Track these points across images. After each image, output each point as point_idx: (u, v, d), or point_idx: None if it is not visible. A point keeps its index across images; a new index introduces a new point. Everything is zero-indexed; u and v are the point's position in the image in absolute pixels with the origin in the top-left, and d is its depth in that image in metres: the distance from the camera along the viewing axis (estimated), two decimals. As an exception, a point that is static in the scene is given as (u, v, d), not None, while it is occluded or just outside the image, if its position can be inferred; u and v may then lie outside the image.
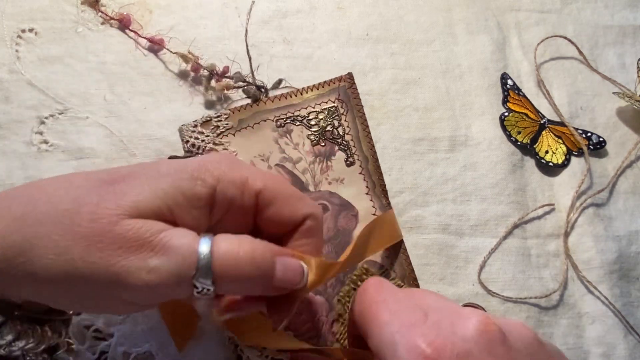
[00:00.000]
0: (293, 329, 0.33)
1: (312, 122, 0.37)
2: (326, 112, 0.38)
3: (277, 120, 0.37)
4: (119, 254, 0.21)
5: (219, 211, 0.24)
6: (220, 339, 0.34)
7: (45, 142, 0.37)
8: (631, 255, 0.41)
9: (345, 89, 0.38)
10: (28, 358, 0.25)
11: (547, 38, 0.45)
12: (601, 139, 0.43)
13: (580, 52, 0.45)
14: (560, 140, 0.43)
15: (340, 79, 0.39)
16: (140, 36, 0.39)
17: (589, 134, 0.44)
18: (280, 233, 0.26)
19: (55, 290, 0.22)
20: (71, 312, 0.28)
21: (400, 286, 0.35)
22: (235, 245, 0.22)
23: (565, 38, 0.45)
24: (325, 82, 0.39)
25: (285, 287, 0.24)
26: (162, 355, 0.34)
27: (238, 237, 0.23)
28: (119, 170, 0.24)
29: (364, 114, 0.38)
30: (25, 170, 0.36)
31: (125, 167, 0.25)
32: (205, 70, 0.38)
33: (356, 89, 0.39)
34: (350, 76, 0.39)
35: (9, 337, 0.24)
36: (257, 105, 0.37)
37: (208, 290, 0.22)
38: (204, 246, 0.22)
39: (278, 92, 0.39)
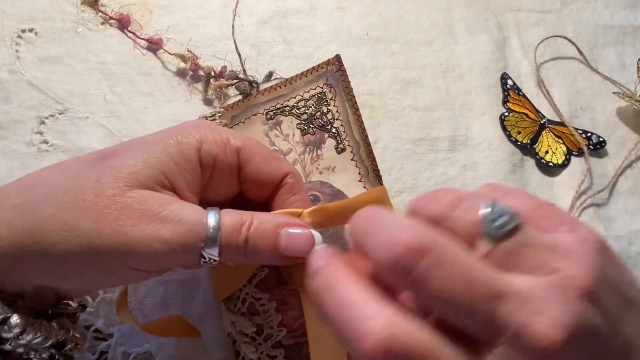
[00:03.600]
0: (285, 324, 0.33)
1: (301, 111, 0.36)
2: (315, 98, 0.36)
3: (266, 113, 0.36)
4: (130, 224, 0.22)
5: (206, 170, 0.26)
6: (219, 337, 0.34)
7: (45, 142, 0.37)
8: (631, 255, 0.41)
9: (334, 72, 0.37)
10: (32, 354, 0.24)
11: (547, 38, 0.45)
12: (601, 139, 0.43)
13: (580, 52, 0.45)
14: (560, 140, 0.43)
15: (328, 62, 0.37)
16: (138, 37, 0.39)
17: (589, 134, 0.43)
18: (265, 196, 0.28)
19: (67, 268, 0.23)
20: (78, 301, 0.28)
21: None
22: (239, 219, 0.24)
23: (565, 38, 0.45)
24: (313, 67, 0.37)
25: (294, 256, 0.25)
26: (161, 355, 0.34)
27: (241, 212, 0.25)
28: (106, 149, 0.26)
29: (354, 96, 0.36)
30: (26, 170, 0.36)
31: (112, 146, 0.26)
32: (203, 72, 0.39)
33: (345, 71, 0.37)
34: (338, 58, 0.37)
35: (16, 330, 0.23)
36: (248, 100, 0.36)
37: (214, 260, 0.24)
38: (211, 220, 0.23)
39: (269, 85, 0.38)
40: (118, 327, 0.34)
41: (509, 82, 0.44)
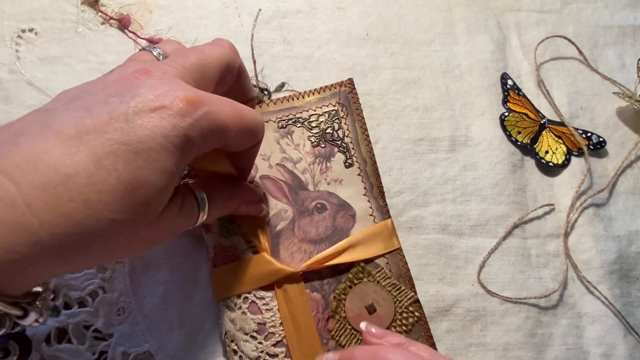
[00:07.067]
0: None
1: (313, 124, 0.38)
2: (327, 115, 0.39)
3: (279, 122, 0.38)
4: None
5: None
6: (219, 336, 0.34)
7: (45, 142, 0.37)
8: (631, 255, 0.41)
9: (346, 93, 0.39)
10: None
11: (547, 38, 0.45)
12: (601, 139, 0.43)
13: (580, 52, 0.45)
14: (560, 140, 0.43)
15: (341, 83, 0.39)
16: (139, 37, 0.39)
17: (589, 134, 0.43)
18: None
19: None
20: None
21: (395, 285, 0.35)
22: (220, 202, 0.30)
23: (565, 38, 0.45)
24: (326, 86, 0.39)
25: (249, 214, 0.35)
26: (161, 355, 0.34)
27: (222, 195, 0.31)
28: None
29: (363, 118, 0.39)
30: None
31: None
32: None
33: (356, 94, 0.39)
34: (350, 81, 0.40)
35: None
36: (260, 106, 0.38)
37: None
38: (203, 208, 0.29)
39: (280, 94, 0.39)
40: (118, 327, 0.34)
41: (509, 82, 0.44)
